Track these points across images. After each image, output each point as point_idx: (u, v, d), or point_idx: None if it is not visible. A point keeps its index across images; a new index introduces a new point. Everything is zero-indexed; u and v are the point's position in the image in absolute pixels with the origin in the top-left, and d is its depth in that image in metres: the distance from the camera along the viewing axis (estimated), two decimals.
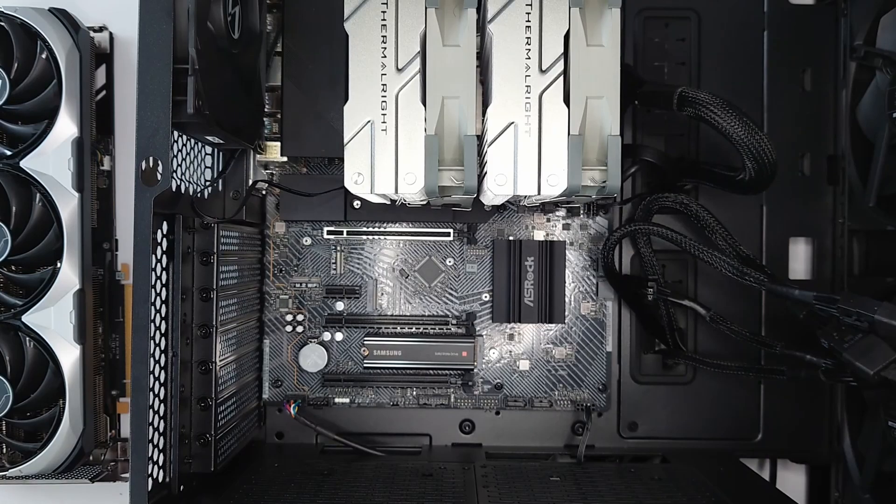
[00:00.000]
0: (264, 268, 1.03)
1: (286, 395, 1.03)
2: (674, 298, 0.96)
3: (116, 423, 0.99)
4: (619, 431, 1.03)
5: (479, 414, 1.04)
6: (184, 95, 0.68)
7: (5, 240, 0.85)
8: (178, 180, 0.79)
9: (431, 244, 1.03)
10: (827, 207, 1.02)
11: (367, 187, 0.72)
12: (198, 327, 0.84)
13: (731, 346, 0.99)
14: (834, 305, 0.77)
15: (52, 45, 0.86)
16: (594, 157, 0.72)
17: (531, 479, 0.89)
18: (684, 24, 1.02)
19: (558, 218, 1.03)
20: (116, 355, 0.98)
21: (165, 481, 0.76)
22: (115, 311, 0.98)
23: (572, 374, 1.03)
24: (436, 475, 0.90)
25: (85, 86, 0.89)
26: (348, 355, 1.03)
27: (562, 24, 0.71)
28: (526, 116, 0.71)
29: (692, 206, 0.94)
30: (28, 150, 0.86)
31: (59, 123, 0.86)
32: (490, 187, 0.71)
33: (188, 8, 0.67)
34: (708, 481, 0.89)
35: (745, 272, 0.85)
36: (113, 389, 0.98)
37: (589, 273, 1.03)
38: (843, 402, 1.00)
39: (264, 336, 1.02)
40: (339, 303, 1.02)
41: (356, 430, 1.03)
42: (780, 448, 1.03)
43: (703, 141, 1.01)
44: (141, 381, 0.68)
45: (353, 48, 0.72)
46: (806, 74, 1.02)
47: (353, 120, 0.72)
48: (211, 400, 0.84)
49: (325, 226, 1.02)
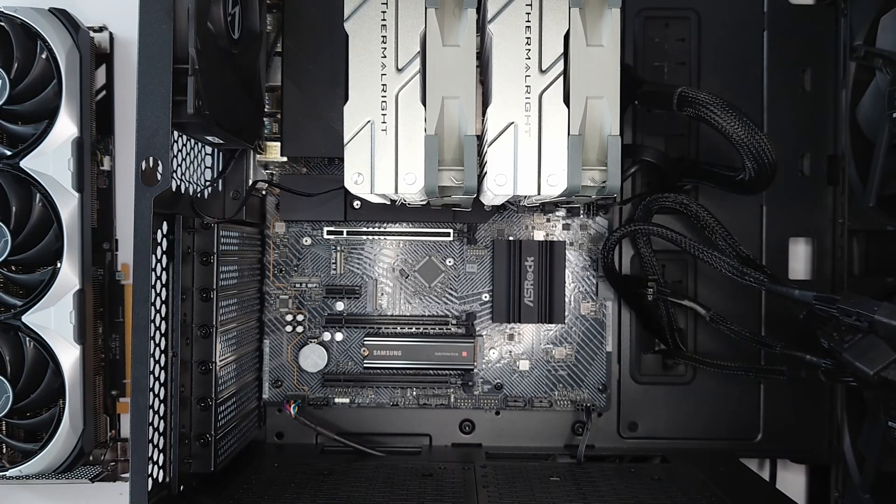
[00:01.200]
0: (264, 268, 1.03)
1: (286, 395, 1.03)
2: (674, 298, 0.97)
3: (116, 423, 1.00)
4: (619, 431, 1.03)
5: (479, 414, 1.04)
6: (184, 95, 0.68)
7: (5, 240, 0.85)
8: (178, 180, 0.79)
9: (431, 244, 1.03)
10: (827, 207, 1.02)
11: (367, 187, 0.72)
12: (198, 327, 0.84)
13: (731, 347, 0.99)
14: (834, 305, 0.77)
15: (52, 46, 0.86)
16: (594, 157, 0.72)
17: (531, 479, 0.89)
18: (684, 24, 1.02)
19: (558, 218, 1.03)
20: (116, 355, 0.99)
21: (165, 481, 0.76)
22: (115, 311, 0.98)
23: (572, 374, 1.03)
24: (436, 475, 0.90)
25: (85, 86, 0.89)
26: (348, 355, 1.03)
27: (562, 24, 0.71)
28: (526, 116, 0.71)
29: (692, 207, 0.94)
30: (28, 150, 0.86)
31: (59, 123, 0.86)
32: (490, 187, 0.71)
33: (188, 8, 0.67)
34: (708, 481, 0.89)
35: (744, 272, 0.85)
36: (113, 389, 0.98)
37: (589, 273, 1.03)
38: (843, 402, 1.00)
39: (264, 336, 1.02)
40: (339, 303, 1.02)
41: (356, 430, 1.03)
42: (780, 448, 1.03)
43: (703, 141, 1.01)
44: (141, 382, 0.68)
45: (353, 48, 0.72)
46: (806, 74, 1.02)
47: (353, 120, 0.72)
48: (211, 400, 0.84)
49: (325, 226, 1.02)
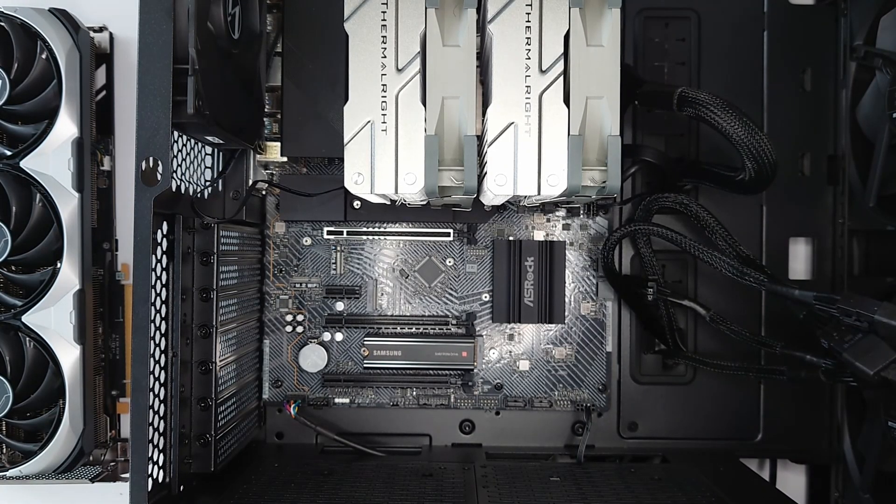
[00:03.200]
0: (264, 268, 1.03)
1: (286, 395, 1.03)
2: (674, 298, 0.97)
3: (116, 423, 0.99)
4: (619, 431, 1.03)
5: (479, 414, 1.04)
6: (184, 95, 0.68)
7: (5, 240, 0.85)
8: (178, 180, 0.79)
9: (431, 244, 1.03)
10: (827, 207, 1.02)
11: (367, 187, 0.72)
12: (198, 327, 0.84)
13: (731, 347, 0.99)
14: (834, 305, 0.77)
15: (52, 46, 0.86)
16: (594, 157, 0.72)
17: (531, 479, 0.89)
18: (684, 24, 1.02)
19: (558, 218, 1.03)
20: (116, 355, 0.98)
21: (165, 481, 0.76)
22: (115, 311, 0.98)
23: (572, 374, 1.03)
24: (436, 475, 0.90)
25: (85, 86, 0.89)
26: (348, 355, 1.03)
27: (562, 25, 0.71)
28: (526, 116, 0.71)
29: (692, 207, 0.94)
30: (28, 151, 0.86)
31: (59, 124, 0.86)
32: (490, 187, 0.71)
33: (188, 8, 0.67)
34: (708, 481, 0.89)
35: (745, 272, 0.85)
36: (113, 389, 0.98)
37: (589, 273, 1.03)
38: (843, 402, 1.00)
39: (264, 336, 1.02)
40: (339, 303, 1.02)
41: (356, 430, 1.03)
42: (780, 448, 1.03)
43: (704, 141, 1.01)
44: (141, 382, 0.68)
45: (353, 48, 0.72)
46: (806, 74, 1.02)
47: (353, 120, 0.72)
48: (211, 400, 0.84)
49: (325, 226, 1.02)
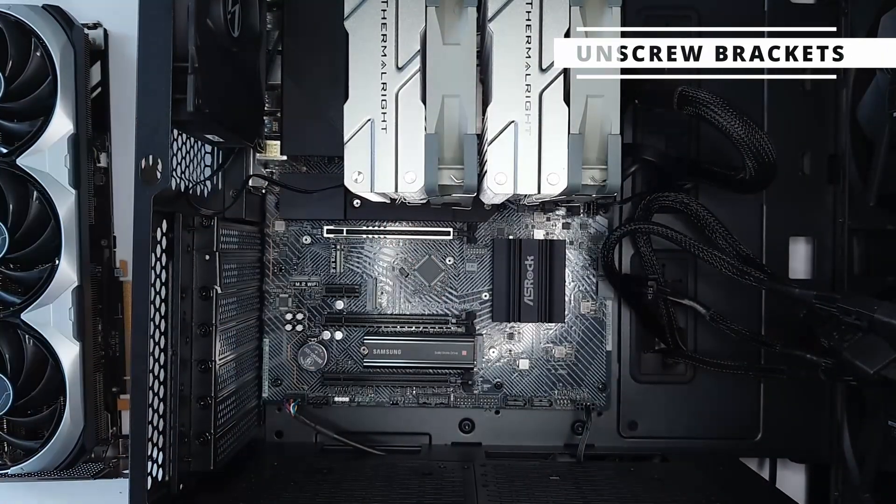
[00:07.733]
0: (264, 266, 1.02)
1: (286, 393, 1.03)
2: (674, 297, 0.96)
3: (117, 419, 0.99)
4: (618, 431, 1.03)
5: (479, 413, 1.04)
6: (183, 94, 0.68)
7: (3, 237, 0.85)
8: (178, 179, 0.79)
9: (431, 243, 1.03)
10: (827, 207, 1.02)
11: (367, 186, 0.72)
12: (197, 326, 0.84)
13: (731, 346, 0.99)
14: (834, 304, 0.77)
15: (47, 43, 0.86)
16: (594, 155, 0.72)
17: (531, 478, 0.89)
18: (685, 22, 1.02)
19: (558, 217, 1.03)
20: (116, 352, 0.98)
21: (165, 480, 0.76)
22: (114, 307, 0.98)
23: (572, 373, 1.03)
24: (435, 474, 0.90)
25: (80, 83, 0.89)
26: (348, 354, 1.03)
27: (562, 23, 0.71)
28: (526, 115, 0.71)
29: (692, 206, 0.93)
30: (24, 148, 0.86)
31: (55, 120, 0.86)
32: (490, 186, 0.71)
33: (188, 6, 0.67)
34: (708, 481, 0.89)
35: (745, 271, 0.85)
36: (113, 386, 0.98)
37: (589, 272, 1.03)
38: (843, 401, 0.99)
39: (264, 335, 1.02)
40: (338, 301, 1.02)
41: (356, 428, 1.03)
42: (780, 448, 1.03)
43: (704, 140, 1.01)
44: (141, 380, 0.68)
45: (353, 47, 0.72)
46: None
47: (352, 118, 0.72)
48: (210, 398, 0.84)
49: (325, 224, 1.02)
